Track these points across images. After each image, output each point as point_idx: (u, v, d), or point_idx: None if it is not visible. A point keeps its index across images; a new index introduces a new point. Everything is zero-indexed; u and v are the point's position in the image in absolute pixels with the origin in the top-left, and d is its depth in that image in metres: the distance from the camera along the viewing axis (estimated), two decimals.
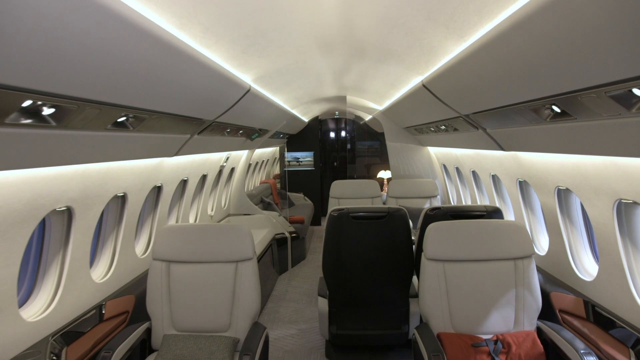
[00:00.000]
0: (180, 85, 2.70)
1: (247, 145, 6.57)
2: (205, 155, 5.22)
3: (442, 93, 3.61)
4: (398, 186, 6.91)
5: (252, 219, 7.19)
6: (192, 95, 3.05)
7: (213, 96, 3.36)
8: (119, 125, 2.45)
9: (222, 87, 3.34)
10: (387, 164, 11.71)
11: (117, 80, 2.07)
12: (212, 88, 3.20)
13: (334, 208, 4.10)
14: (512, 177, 4.20)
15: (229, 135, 4.90)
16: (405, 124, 6.81)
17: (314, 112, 9.99)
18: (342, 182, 6.95)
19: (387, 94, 5.72)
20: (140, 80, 2.25)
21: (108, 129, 2.41)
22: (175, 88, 2.68)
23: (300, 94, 6.09)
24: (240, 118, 4.63)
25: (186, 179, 4.92)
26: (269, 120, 6.29)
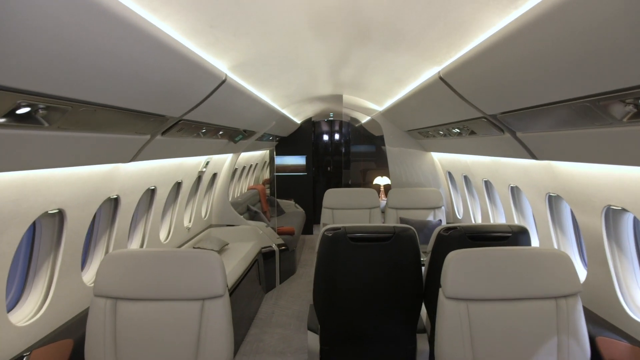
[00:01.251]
0: (124, 67, 1.99)
1: (230, 148, 5.84)
2: (178, 160, 4.49)
3: (465, 87, 2.92)
4: (399, 196, 6.21)
5: (236, 230, 6.46)
6: (146, 84, 2.34)
7: (176, 87, 2.65)
8: (20, 118, 1.72)
9: (189, 75, 2.63)
10: (384, 170, 11.04)
11: (9, 52, 1.36)
12: (174, 76, 2.49)
13: (328, 227, 3.40)
14: (539, 191, 3.51)
15: (205, 136, 4.18)
16: (408, 127, 6.11)
17: (306, 113, 9.28)
18: (337, 191, 6.25)
19: (389, 92, 5.02)
20: (52, 57, 1.54)
21: (6, 125, 1.69)
22: (115, 70, 1.97)
23: (291, 91, 5.39)
24: (218, 116, 3.91)
25: (153, 187, 4.19)
26: (256, 120, 5.58)
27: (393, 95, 5.07)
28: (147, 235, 4.30)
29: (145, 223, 4.31)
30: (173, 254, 2.59)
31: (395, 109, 5.44)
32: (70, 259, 2.97)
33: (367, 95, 6.03)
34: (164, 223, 4.94)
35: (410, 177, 6.71)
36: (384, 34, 2.83)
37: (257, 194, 8.98)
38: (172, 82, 2.56)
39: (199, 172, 5.42)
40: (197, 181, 5.69)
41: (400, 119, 6.01)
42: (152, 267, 2.54)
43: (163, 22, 2.03)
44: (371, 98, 6.21)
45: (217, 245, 5.51)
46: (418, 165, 6.69)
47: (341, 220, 6.03)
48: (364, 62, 3.82)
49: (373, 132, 10.50)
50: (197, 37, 2.34)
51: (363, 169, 10.91)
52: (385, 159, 11.49)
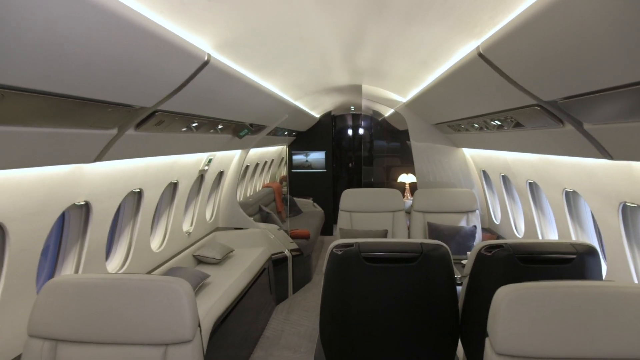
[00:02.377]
0: (69, 45, 1.39)
1: (238, 144, 5.24)
2: (171, 158, 3.91)
3: (512, 66, 2.22)
4: (426, 197, 5.51)
5: (244, 234, 5.86)
6: (101, 67, 1.74)
7: (142, 70, 2.04)
8: None
9: (156, 55, 2.01)
10: (409, 167, 10.31)
11: None
12: (137, 56, 1.88)
13: (338, 243, 2.75)
14: (610, 199, 2.78)
15: (200, 131, 3.58)
16: (436, 120, 5.40)
17: (325, 107, 8.62)
18: (356, 192, 5.58)
19: (414, 79, 4.33)
20: None
21: None
22: (57, 50, 1.36)
23: (303, 80, 4.74)
24: (210, 107, 3.30)
25: (138, 190, 3.61)
26: (263, 113, 4.95)
27: (418, 82, 4.37)
28: (133, 245, 3.72)
29: (132, 230, 3.73)
30: (129, 282, 1.98)
31: (421, 99, 4.74)
32: (18, 286, 2.40)
33: (389, 84, 5.34)
34: (158, 229, 4.37)
35: (438, 176, 5.98)
36: (406, 1, 2.16)
37: (271, 192, 8.37)
38: (134, 64, 1.95)
39: (200, 170, 4.83)
40: (199, 181, 5.11)
41: (427, 111, 5.30)
42: (101, 300, 1.94)
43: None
44: (393, 87, 5.51)
45: (219, 252, 4.93)
46: (447, 163, 5.96)
47: (360, 225, 5.37)
48: (383, 41, 3.15)
49: (397, 126, 9.77)
50: (163, 5, 1.71)
51: (386, 165, 10.19)
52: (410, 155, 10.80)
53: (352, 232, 5.24)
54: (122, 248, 3.69)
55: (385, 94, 5.90)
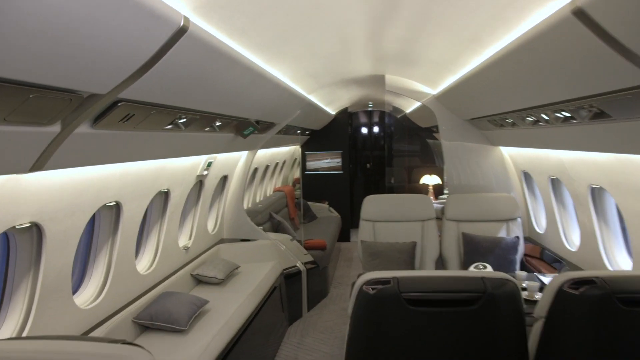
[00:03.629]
0: None
1: (244, 144, 4.56)
2: (158, 162, 3.23)
3: (625, 26, 1.48)
4: (460, 204, 4.76)
5: (252, 247, 5.17)
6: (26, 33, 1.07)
7: (87, 40, 1.36)
8: None
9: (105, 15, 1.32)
10: (431, 167, 9.55)
11: None
12: (77, 16, 1.20)
13: (369, 278, 2.04)
14: None
15: (189, 129, 2.89)
16: (472, 114, 4.64)
17: (341, 102, 7.90)
18: (379, 198, 4.86)
19: (451, 66, 3.60)
20: None
21: None
22: None
23: (317, 67, 4.04)
24: (201, 97, 2.61)
25: (113, 203, 2.93)
26: (271, 107, 4.26)
27: (456, 69, 3.64)
28: (112, 269, 3.05)
29: (110, 252, 3.06)
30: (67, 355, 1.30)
31: (458, 89, 4.00)
32: None
33: (418, 73, 4.62)
34: (147, 246, 3.70)
35: (472, 178, 5.23)
36: None
37: (283, 197, 7.68)
38: (73, 34, 1.27)
39: (198, 176, 4.15)
40: (197, 188, 4.44)
41: (463, 104, 4.56)
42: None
43: None
44: (423, 77, 4.78)
45: (222, 271, 4.24)
46: (483, 164, 5.20)
47: (385, 236, 4.65)
48: (421, 12, 2.43)
49: (419, 123, 9.02)
50: None
51: (408, 166, 9.45)
52: (432, 155, 10.04)
53: (375, 245, 4.52)
54: (97, 275, 3.02)
55: (412, 85, 5.17)
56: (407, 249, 4.49)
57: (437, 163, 9.63)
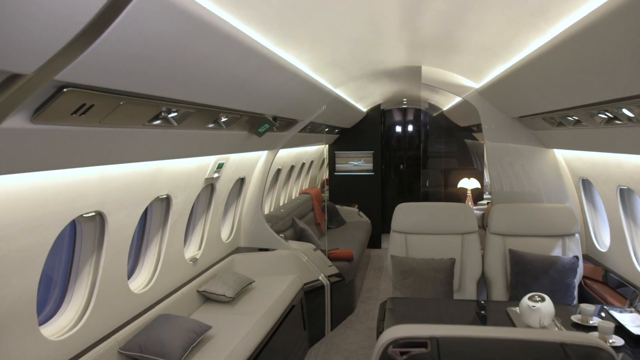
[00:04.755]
0: None
1: (257, 143, 4.06)
2: (152, 165, 2.76)
3: None
4: (507, 215, 4.12)
5: (270, 258, 4.67)
6: None
7: None
8: None
9: None
10: (470, 170, 8.84)
11: None
12: None
13: (396, 336, 1.47)
14: None
15: (185, 125, 2.40)
16: (524, 110, 3.99)
17: (374, 98, 7.32)
18: (412, 207, 4.26)
19: (503, 50, 3.00)
20: None
21: None
22: None
23: (344, 54, 3.50)
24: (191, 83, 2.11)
25: (93, 213, 2.46)
26: (292, 102, 3.75)
27: (509, 55, 3.03)
28: (96, 290, 2.59)
29: (94, 269, 2.61)
30: None
31: (508, 80, 3.40)
32: None
33: (460, 63, 4.02)
34: (145, 261, 3.24)
35: (519, 185, 4.56)
36: None
37: (309, 200, 7.16)
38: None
39: (207, 179, 3.67)
40: (207, 192, 3.97)
41: (513, 98, 3.92)
42: None
43: None
44: (465, 68, 4.18)
45: (232, 287, 3.75)
46: (532, 169, 4.53)
47: (419, 251, 4.06)
48: None
49: (457, 121, 8.35)
50: None
51: (444, 168, 8.77)
52: (469, 157, 9.31)
53: (407, 262, 3.94)
54: (78, 297, 2.57)
55: (452, 78, 4.55)
56: (444, 267, 3.89)
57: (475, 165, 8.93)
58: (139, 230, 3.21)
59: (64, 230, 2.32)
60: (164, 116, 2.11)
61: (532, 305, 2.75)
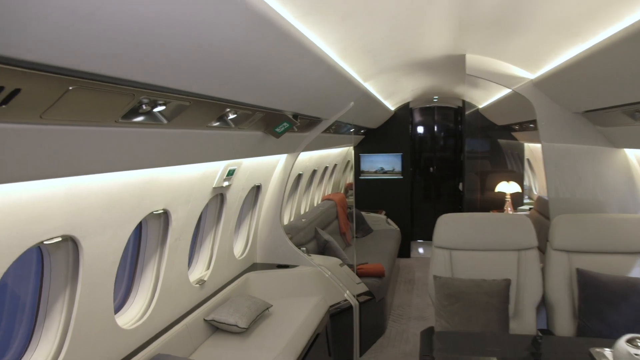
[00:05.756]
0: None
1: (274, 145, 3.49)
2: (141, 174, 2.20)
3: None
4: (572, 228, 3.44)
5: (290, 276, 4.08)
6: None
7: None
8: None
9: None
10: (509, 173, 8.11)
11: None
12: None
13: None
14: None
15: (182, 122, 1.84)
16: (597, 102, 3.32)
17: (404, 95, 6.69)
18: (458, 219, 3.62)
19: (577, 28, 2.37)
20: None
21: None
22: None
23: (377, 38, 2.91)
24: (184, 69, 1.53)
25: (59, 239, 1.90)
26: (315, 96, 3.17)
27: (582, 36, 2.40)
28: (70, 331, 2.04)
29: (67, 305, 2.06)
30: None
31: (578, 67, 2.77)
32: None
33: (514, 49, 3.40)
34: (140, 287, 2.69)
35: (584, 192, 3.87)
36: None
37: (333, 207, 6.55)
38: None
39: (216, 188, 3.11)
40: (217, 203, 3.41)
41: (581, 88, 3.26)
42: None
43: None
44: (520, 56, 3.57)
45: (246, 315, 3.17)
46: (600, 173, 3.84)
47: (466, 271, 3.43)
48: None
49: (495, 120, 7.65)
50: None
51: (480, 170, 8.08)
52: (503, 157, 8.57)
53: (454, 284, 3.31)
54: (49, 339, 2.02)
55: (501, 68, 3.90)
56: (498, 290, 3.25)
57: (510, 167, 8.22)
58: (132, 253, 2.66)
59: (30, 260, 1.79)
60: (146, 110, 1.55)
61: (635, 353, 2.09)
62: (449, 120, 9.17)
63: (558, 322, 3.31)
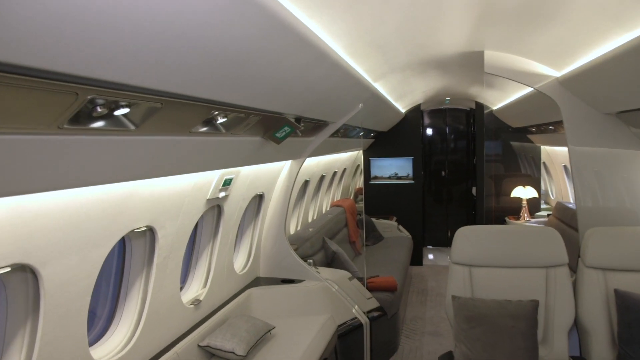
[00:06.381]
0: None
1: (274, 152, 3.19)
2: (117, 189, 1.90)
3: None
4: (607, 242, 3.10)
5: (295, 293, 3.77)
6: None
7: None
8: None
9: None
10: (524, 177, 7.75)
11: None
12: None
13: None
14: None
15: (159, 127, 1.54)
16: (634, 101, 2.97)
17: (415, 97, 6.37)
18: (478, 232, 3.28)
19: (614, 20, 2.05)
20: None
21: None
22: None
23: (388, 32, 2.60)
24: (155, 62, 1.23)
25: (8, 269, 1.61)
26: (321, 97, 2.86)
27: (622, 26, 2.08)
28: None
29: (29, 339, 1.76)
30: None
31: (614, 62, 2.45)
32: None
33: (539, 45, 3.10)
34: (122, 317, 2.39)
35: (616, 201, 3.52)
36: None
37: (342, 214, 6.23)
38: None
39: (210, 200, 2.80)
40: (213, 215, 3.11)
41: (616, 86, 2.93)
42: None
43: None
44: (544, 52, 3.24)
45: (244, 340, 2.86)
46: (634, 180, 3.48)
47: (488, 290, 3.09)
48: None
49: (510, 122, 7.30)
50: None
51: (494, 174, 7.72)
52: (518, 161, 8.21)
53: (474, 305, 2.98)
54: None
55: (524, 65, 3.57)
56: (525, 313, 2.91)
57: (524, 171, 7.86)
58: (115, 276, 2.37)
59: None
60: (102, 113, 1.24)
61: None
62: (461, 123, 8.84)
63: (594, 349, 2.96)
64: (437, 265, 7.69)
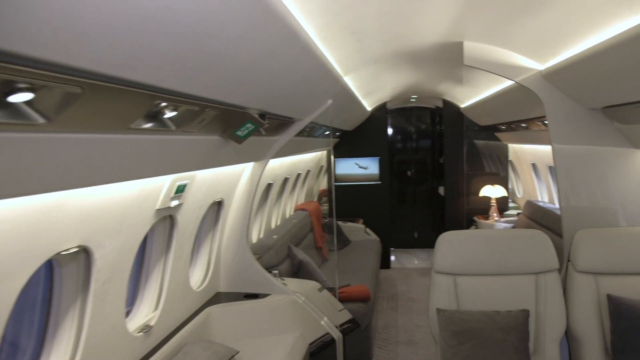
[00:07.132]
0: None
1: (234, 153, 2.81)
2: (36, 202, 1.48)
3: None
4: (596, 246, 2.89)
5: (260, 309, 3.39)
6: None
7: None
8: None
9: None
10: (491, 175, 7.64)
11: None
12: None
13: None
14: None
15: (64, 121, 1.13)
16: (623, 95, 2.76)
17: (382, 95, 6.11)
18: (462, 237, 3.00)
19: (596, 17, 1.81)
20: None
21: None
22: None
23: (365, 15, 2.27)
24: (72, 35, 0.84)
25: None
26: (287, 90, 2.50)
27: (601, 25, 1.85)
28: None
29: None
30: None
31: (598, 57, 2.25)
32: None
33: (522, 36, 2.86)
34: (52, 353, 1.95)
35: (603, 200, 3.33)
36: None
37: (307, 217, 5.89)
38: None
39: (160, 210, 2.39)
40: (165, 227, 2.70)
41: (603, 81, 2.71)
42: None
43: None
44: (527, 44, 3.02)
45: None
46: (620, 178, 3.30)
47: (474, 301, 2.83)
48: None
49: (478, 120, 7.16)
50: None
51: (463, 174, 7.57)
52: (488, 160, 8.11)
53: (461, 319, 2.70)
54: None
55: (505, 57, 3.33)
56: (516, 324, 2.66)
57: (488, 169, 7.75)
58: (40, 311, 1.93)
59: None
60: None
61: None
62: (426, 122, 8.70)
63: (586, 358, 2.74)
64: (405, 268, 7.46)
